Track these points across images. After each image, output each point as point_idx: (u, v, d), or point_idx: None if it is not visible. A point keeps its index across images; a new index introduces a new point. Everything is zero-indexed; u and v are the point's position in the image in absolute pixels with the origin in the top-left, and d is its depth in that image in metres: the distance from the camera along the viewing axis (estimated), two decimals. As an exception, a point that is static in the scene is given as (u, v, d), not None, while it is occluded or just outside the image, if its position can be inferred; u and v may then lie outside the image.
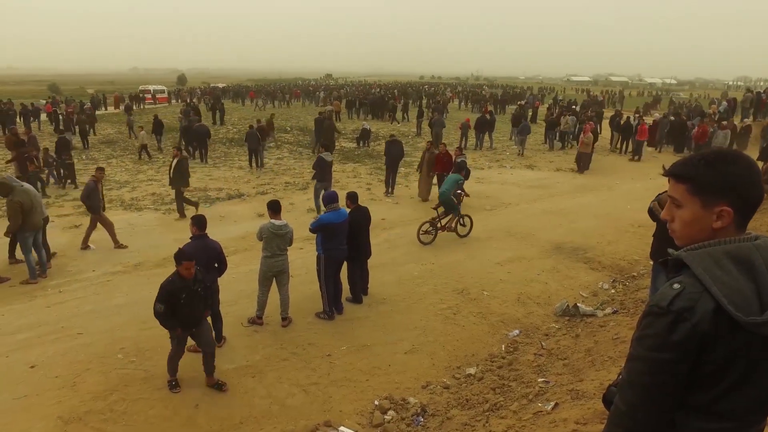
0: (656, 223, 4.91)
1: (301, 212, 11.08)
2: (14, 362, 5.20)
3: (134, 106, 34.29)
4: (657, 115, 23.32)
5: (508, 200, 12.47)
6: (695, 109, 27.93)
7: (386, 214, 10.93)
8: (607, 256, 8.49)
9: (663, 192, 4.69)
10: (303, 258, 8.02)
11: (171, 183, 10.84)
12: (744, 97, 23.63)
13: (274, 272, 5.90)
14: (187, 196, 11.16)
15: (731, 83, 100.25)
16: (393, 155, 12.65)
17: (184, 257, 4.50)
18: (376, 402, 4.78)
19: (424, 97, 40.68)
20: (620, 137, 19.50)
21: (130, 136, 22.85)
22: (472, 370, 5.26)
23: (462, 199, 9.43)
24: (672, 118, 21.20)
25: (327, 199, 6.26)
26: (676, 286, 1.23)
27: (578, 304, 6.44)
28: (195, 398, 4.69)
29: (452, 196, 9.14)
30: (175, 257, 4.53)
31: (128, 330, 5.85)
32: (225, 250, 5.61)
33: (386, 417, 4.56)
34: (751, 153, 12.36)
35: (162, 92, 46.61)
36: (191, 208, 10.96)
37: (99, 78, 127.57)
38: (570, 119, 20.85)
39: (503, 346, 5.75)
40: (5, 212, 7.91)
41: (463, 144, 19.97)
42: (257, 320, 5.99)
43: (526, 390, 4.50)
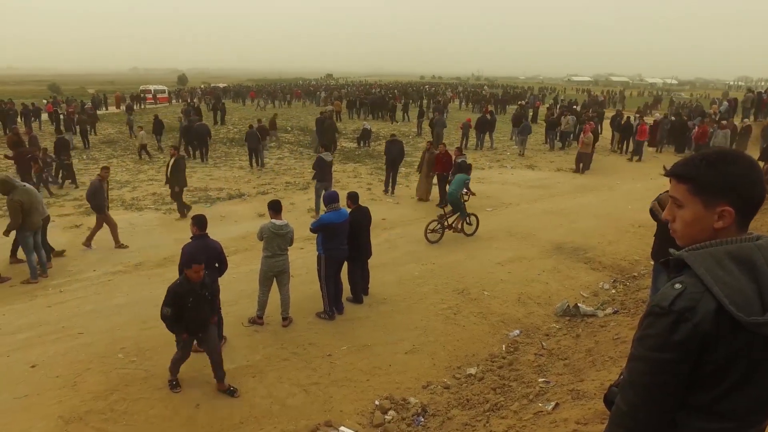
0: (657, 224, 4.92)
1: (302, 212, 11.08)
2: (15, 362, 5.20)
3: (135, 106, 34.33)
4: (658, 116, 23.31)
5: (509, 200, 12.46)
6: (696, 109, 27.92)
7: (387, 214, 10.93)
8: (608, 256, 8.48)
9: (664, 192, 4.69)
10: (304, 258, 8.02)
11: (167, 182, 10.83)
12: (745, 97, 23.60)
13: (275, 272, 5.90)
14: (184, 199, 11.12)
15: (732, 83, 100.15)
16: (393, 155, 12.64)
17: (194, 260, 4.46)
18: (377, 402, 4.78)
19: (425, 97, 40.67)
20: (620, 137, 19.51)
21: (131, 136, 22.89)
22: (473, 370, 5.26)
23: (468, 198, 9.51)
24: (673, 119, 21.20)
25: (328, 199, 6.25)
26: (678, 286, 1.23)
27: (579, 304, 6.44)
28: (195, 398, 4.69)
29: (460, 196, 9.22)
30: (185, 260, 4.47)
31: (129, 330, 5.85)
32: (225, 250, 5.61)
33: (387, 417, 4.55)
34: (752, 153, 12.33)
35: (163, 92, 46.67)
36: (192, 208, 10.97)
37: (99, 78, 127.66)
38: (570, 119, 20.85)
39: (504, 346, 5.75)
40: (5, 212, 7.92)
41: (464, 144, 19.99)
42: (258, 320, 6.00)
43: (527, 390, 4.50)
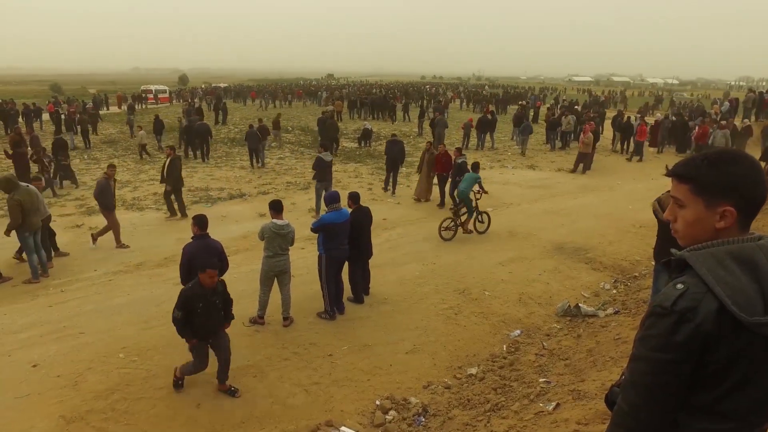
0: (659, 224, 4.91)
1: (303, 212, 11.09)
2: (16, 361, 5.21)
3: (137, 106, 34.38)
4: (659, 116, 23.28)
5: (510, 200, 12.46)
6: (697, 110, 27.88)
7: (388, 214, 10.93)
8: (609, 257, 8.48)
9: (665, 192, 4.69)
10: (304, 258, 8.03)
11: (163, 181, 10.82)
12: (746, 98, 23.53)
13: (276, 272, 5.90)
14: (185, 199, 11.10)
15: (733, 83, 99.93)
16: (393, 155, 12.65)
17: (209, 265, 4.36)
18: (378, 402, 4.78)
19: (426, 97, 40.65)
20: (621, 137, 19.50)
21: (132, 136, 22.92)
22: (474, 370, 5.26)
23: (480, 197, 9.63)
24: (674, 119, 21.16)
25: (329, 199, 6.25)
26: (680, 287, 1.23)
27: (580, 305, 6.44)
28: (196, 398, 4.69)
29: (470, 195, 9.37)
30: (200, 264, 4.39)
31: (130, 329, 5.86)
32: (226, 250, 5.62)
33: (387, 417, 4.55)
34: (752, 153, 12.30)
35: (164, 92, 46.74)
36: (193, 208, 10.98)
37: (101, 78, 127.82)
38: (571, 119, 20.85)
39: (504, 347, 5.75)
40: (6, 212, 7.93)
41: (466, 144, 19.99)
42: (259, 320, 6.00)
43: (528, 390, 4.50)
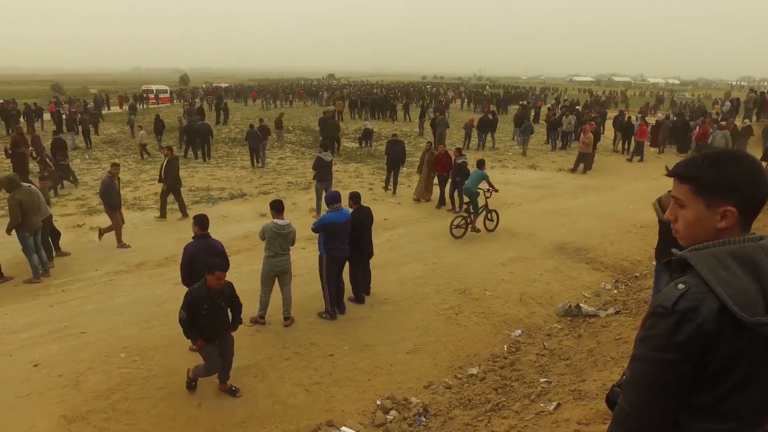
0: (659, 224, 4.91)
1: (304, 212, 11.09)
2: (18, 361, 5.22)
3: (138, 106, 34.40)
4: (660, 116, 23.26)
5: (511, 200, 12.45)
6: (698, 110, 27.84)
7: (388, 214, 10.93)
8: (610, 257, 8.47)
9: (666, 192, 4.68)
10: (305, 258, 8.03)
11: (161, 182, 10.81)
12: (747, 98, 23.47)
13: (277, 272, 5.91)
14: (185, 199, 11.08)
15: (734, 83, 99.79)
16: (394, 155, 12.65)
17: (217, 267, 4.33)
18: (378, 402, 4.78)
19: (427, 97, 40.64)
20: (622, 137, 19.49)
21: (133, 136, 22.95)
22: (474, 370, 5.26)
23: (490, 195, 9.73)
24: (674, 119, 21.13)
25: (330, 199, 6.26)
26: (681, 287, 1.23)
27: (580, 305, 6.44)
28: (197, 397, 4.70)
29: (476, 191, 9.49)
30: (207, 266, 4.35)
31: (131, 329, 5.86)
32: (227, 250, 5.62)
33: (388, 417, 4.56)
34: (753, 153, 12.30)
35: (165, 92, 46.80)
36: (194, 208, 10.98)
37: (102, 78, 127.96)
38: (572, 118, 20.84)
39: (505, 347, 5.75)
40: (7, 212, 7.94)
41: (467, 144, 19.98)
42: (259, 320, 6.00)
43: (529, 390, 4.50)
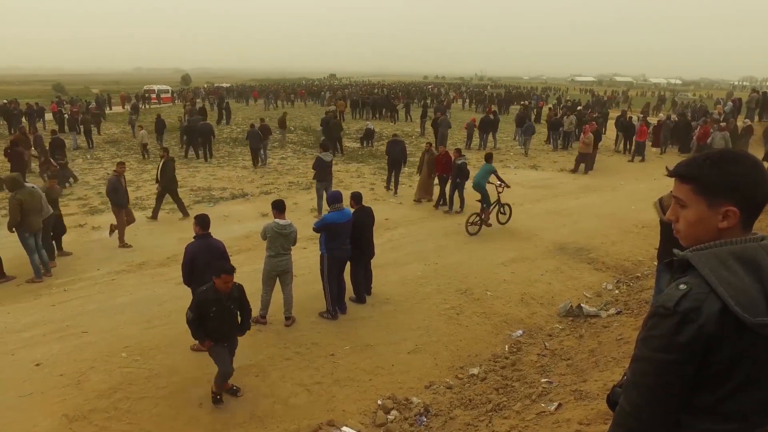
0: (661, 224, 4.90)
1: (305, 212, 11.10)
2: (19, 360, 5.23)
3: (141, 106, 34.47)
4: (661, 116, 23.22)
5: (512, 200, 12.38)
6: (700, 110, 27.78)
7: (390, 214, 10.93)
8: (611, 257, 8.46)
9: (667, 192, 4.67)
10: (307, 258, 8.03)
11: (157, 183, 10.81)
12: (749, 98, 23.40)
13: (278, 272, 5.92)
14: (185, 199, 11.06)
15: (736, 83, 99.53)
16: (395, 155, 12.64)
17: (224, 270, 4.33)
18: (380, 402, 4.78)
19: (428, 97, 40.62)
20: (623, 137, 19.47)
21: (134, 136, 22.99)
22: (476, 371, 5.25)
23: (502, 191, 9.89)
24: (676, 119, 21.10)
25: (331, 199, 6.26)
26: (683, 287, 1.23)
27: (582, 305, 6.43)
28: (199, 397, 4.70)
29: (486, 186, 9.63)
30: (216, 268, 4.35)
31: (132, 329, 5.87)
32: (228, 250, 5.63)
33: (389, 417, 4.56)
34: (755, 153, 12.27)
35: (166, 92, 46.90)
36: (195, 208, 10.99)
37: (103, 78, 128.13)
38: (573, 118, 20.82)
39: (506, 347, 5.74)
40: (7, 212, 7.96)
41: (468, 144, 19.97)
42: (261, 319, 6.01)
43: (530, 390, 4.50)
